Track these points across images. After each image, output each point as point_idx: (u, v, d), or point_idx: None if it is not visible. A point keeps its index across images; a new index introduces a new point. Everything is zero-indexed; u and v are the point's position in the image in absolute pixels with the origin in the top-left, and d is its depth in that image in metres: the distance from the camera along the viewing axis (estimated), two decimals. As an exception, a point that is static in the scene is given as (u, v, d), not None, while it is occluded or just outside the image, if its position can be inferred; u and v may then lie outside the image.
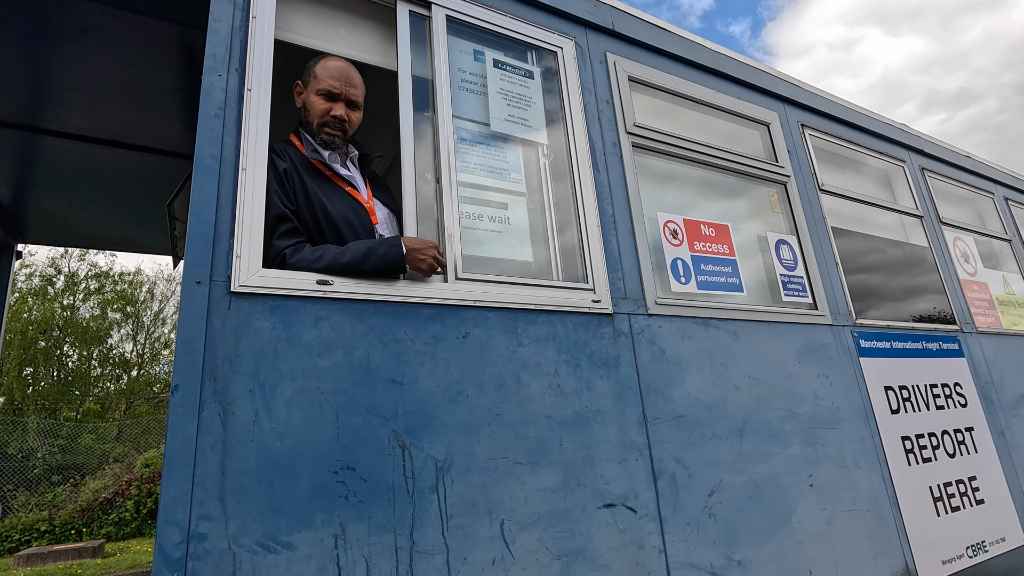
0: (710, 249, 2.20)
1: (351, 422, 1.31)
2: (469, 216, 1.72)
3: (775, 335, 2.20)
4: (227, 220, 1.32)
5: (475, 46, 1.93)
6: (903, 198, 3.38)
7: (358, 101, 1.67)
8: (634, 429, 1.72)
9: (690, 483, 1.77)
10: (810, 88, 3.04)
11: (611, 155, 2.07)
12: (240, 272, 1.28)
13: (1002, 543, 2.58)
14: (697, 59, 2.53)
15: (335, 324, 1.37)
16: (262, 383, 1.24)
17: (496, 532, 1.42)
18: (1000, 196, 4.12)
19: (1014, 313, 3.60)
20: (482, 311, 1.59)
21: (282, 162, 1.50)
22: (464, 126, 1.82)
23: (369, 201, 1.66)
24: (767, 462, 1.97)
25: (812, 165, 2.80)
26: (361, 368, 1.37)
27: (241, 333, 1.25)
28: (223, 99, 1.39)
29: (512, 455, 1.50)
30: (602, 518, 1.58)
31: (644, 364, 1.83)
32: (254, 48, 1.46)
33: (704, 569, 1.69)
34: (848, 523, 2.08)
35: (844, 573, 1.99)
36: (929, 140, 3.71)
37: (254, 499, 1.17)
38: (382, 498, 1.30)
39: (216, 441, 1.16)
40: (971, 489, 2.60)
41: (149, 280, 19.23)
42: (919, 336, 2.82)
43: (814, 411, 2.18)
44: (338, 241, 1.52)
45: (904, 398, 2.55)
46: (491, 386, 1.53)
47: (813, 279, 2.47)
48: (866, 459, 2.25)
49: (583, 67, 2.13)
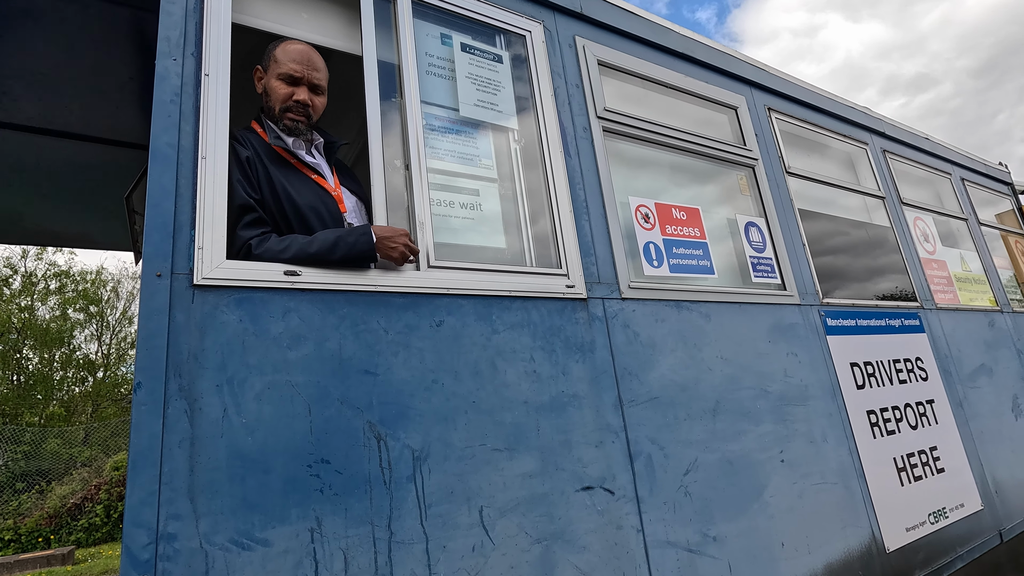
0: (681, 232, 2.22)
1: (324, 414, 1.29)
2: (440, 203, 1.70)
3: (746, 316, 2.24)
4: (187, 211, 1.27)
5: (442, 30, 1.90)
6: (866, 180, 3.47)
7: (321, 85, 1.62)
8: (610, 412, 1.74)
9: (666, 463, 1.80)
10: (776, 72, 3.08)
11: (582, 140, 2.06)
12: (203, 264, 1.24)
13: (961, 508, 2.70)
14: (666, 43, 2.53)
15: (305, 315, 1.34)
16: (230, 378, 1.21)
17: (475, 519, 1.42)
18: (957, 177, 4.26)
19: (971, 289, 3.75)
20: (456, 299, 1.57)
21: (244, 150, 1.45)
22: (433, 112, 1.79)
23: (336, 189, 1.62)
24: (740, 440, 2.01)
25: (779, 148, 2.84)
26: (333, 359, 1.34)
27: (206, 327, 1.21)
28: (179, 84, 1.33)
29: (490, 442, 1.50)
30: (580, 501, 1.59)
31: (619, 348, 1.84)
32: (210, 31, 1.40)
33: (681, 546, 1.73)
34: (817, 496, 2.15)
35: (815, 544, 2.05)
36: (890, 123, 3.81)
37: (225, 496, 1.14)
38: (358, 490, 1.29)
39: (183, 439, 1.13)
40: (932, 459, 2.71)
41: (113, 278, 18.63)
42: (882, 313, 2.91)
43: (784, 389, 2.24)
44: (305, 231, 1.48)
45: (869, 373, 2.63)
46: (467, 374, 1.52)
47: (781, 260, 2.52)
48: (834, 434, 2.32)
49: (552, 51, 2.12)
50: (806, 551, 2.01)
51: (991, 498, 2.91)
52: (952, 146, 4.36)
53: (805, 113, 3.16)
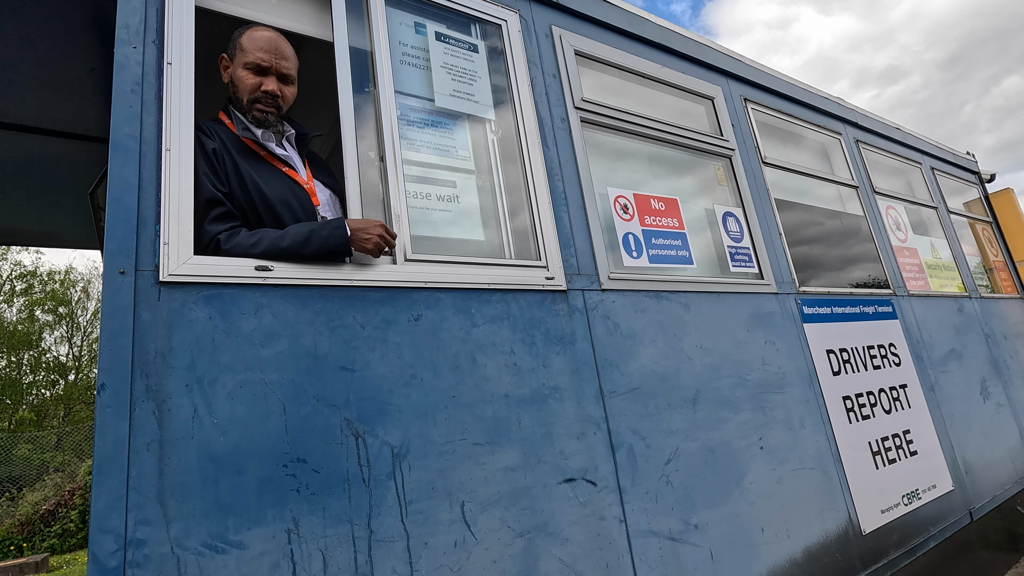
0: (660, 223, 2.22)
1: (300, 413, 1.26)
2: (417, 196, 1.67)
3: (724, 305, 2.26)
4: (152, 205, 1.22)
5: (416, 18, 1.86)
6: (840, 170, 3.52)
7: (291, 74, 1.56)
8: (591, 404, 1.74)
9: (647, 453, 1.80)
10: (752, 63, 3.09)
11: (560, 131, 2.04)
12: (169, 260, 1.19)
13: (933, 490, 2.77)
14: (643, 33, 2.52)
15: (277, 311, 1.30)
16: (200, 377, 1.17)
17: (457, 515, 1.40)
18: (927, 166, 4.35)
19: (941, 276, 3.84)
20: (434, 292, 1.55)
21: (211, 142, 1.40)
22: (408, 102, 1.75)
23: (309, 182, 1.57)
24: (720, 428, 2.03)
25: (755, 139, 2.86)
26: (308, 356, 1.31)
27: (173, 325, 1.17)
28: (140, 73, 1.28)
29: (471, 436, 1.48)
30: (563, 493, 1.59)
31: (599, 339, 1.84)
32: (172, 17, 1.35)
33: (663, 535, 1.73)
34: (796, 481, 2.18)
35: (794, 529, 2.08)
36: (863, 113, 3.87)
37: (197, 499, 1.11)
38: (337, 488, 1.26)
39: (151, 441, 1.09)
40: (905, 442, 2.77)
41: (83, 277, 18.12)
42: (857, 301, 2.96)
43: (762, 377, 2.26)
44: (277, 225, 1.44)
45: (844, 360, 2.68)
46: (446, 368, 1.50)
47: (759, 250, 2.55)
48: (811, 420, 2.36)
49: (528, 40, 2.09)
50: (785, 536, 2.04)
51: (961, 479, 2.99)
52: (922, 136, 4.45)
53: (780, 104, 3.19)
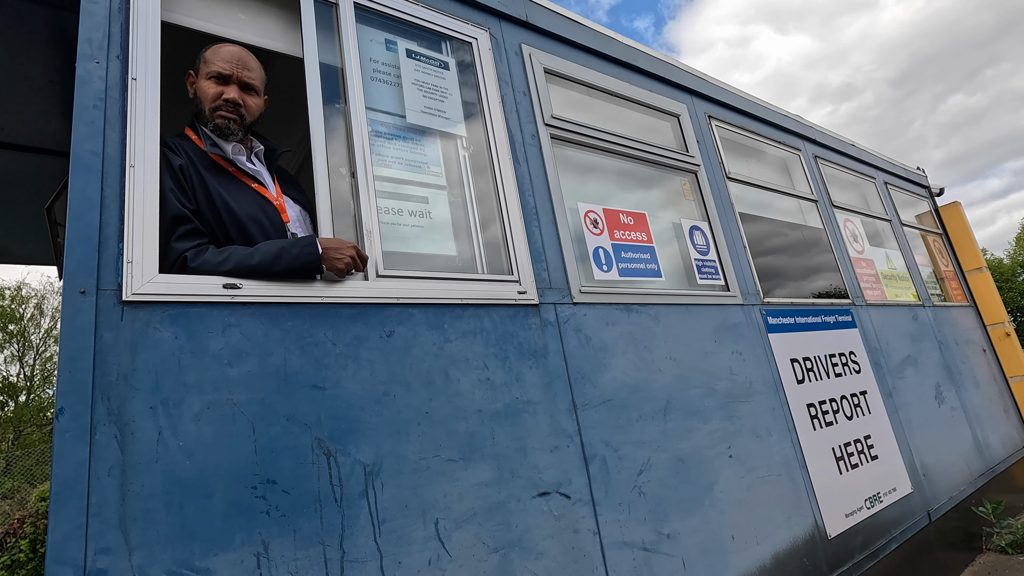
0: (629, 237, 2.27)
1: (269, 433, 1.24)
2: (388, 211, 1.67)
3: (692, 317, 2.31)
4: (115, 223, 1.19)
5: (386, 35, 1.87)
6: (800, 184, 3.65)
7: (254, 84, 1.55)
8: (564, 417, 1.75)
9: (620, 464, 1.82)
10: (715, 81, 3.20)
11: (530, 147, 2.08)
12: (132, 279, 1.17)
13: (894, 492, 2.87)
14: (610, 52, 2.59)
15: (246, 330, 1.28)
16: (165, 399, 1.14)
17: (431, 532, 1.39)
18: (881, 181, 4.55)
19: (896, 286, 4.00)
20: (406, 308, 1.55)
21: (177, 158, 1.37)
22: (379, 118, 1.76)
23: (278, 198, 1.56)
24: (690, 438, 2.07)
25: (719, 154, 2.95)
26: (278, 375, 1.29)
27: (137, 346, 1.14)
28: (103, 89, 1.25)
29: (444, 452, 1.48)
30: (537, 507, 1.59)
31: (571, 352, 1.86)
32: (137, 32, 1.33)
33: (636, 546, 1.75)
34: (764, 488, 2.23)
35: (762, 535, 2.13)
36: (821, 130, 4.03)
37: (162, 525, 1.07)
38: (308, 509, 1.24)
39: (113, 466, 1.05)
40: (867, 447, 2.87)
41: (36, 294, 17.36)
42: (819, 311, 3.06)
43: (730, 386, 2.32)
44: (246, 242, 1.42)
45: (808, 368, 2.76)
46: (419, 384, 1.50)
47: (724, 262, 2.62)
48: (777, 427, 2.42)
49: (499, 58, 2.12)
50: (755, 542, 2.08)
51: (920, 481, 3.10)
52: (876, 152, 4.66)
53: (743, 121, 3.30)
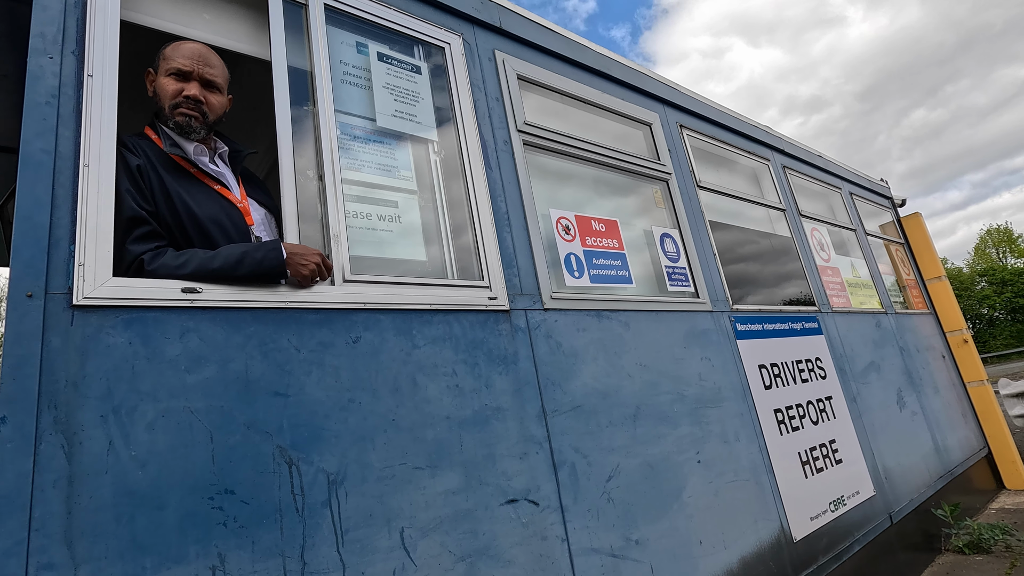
0: (601, 244, 2.29)
1: (228, 441, 1.20)
2: (357, 215, 1.65)
3: (662, 323, 2.34)
4: (66, 224, 1.15)
5: (357, 38, 1.85)
6: (769, 194, 3.73)
7: (216, 82, 1.51)
8: (534, 423, 1.75)
9: (589, 471, 1.82)
10: (687, 91, 3.25)
11: (503, 153, 2.08)
12: (84, 283, 1.12)
13: (857, 495, 2.94)
14: (583, 60, 2.61)
15: (206, 336, 1.25)
16: (117, 407, 1.10)
17: (396, 541, 1.37)
18: (846, 191, 4.68)
19: (860, 294, 4.12)
20: (373, 314, 1.53)
21: (135, 158, 1.33)
22: (348, 121, 1.74)
23: (243, 201, 1.52)
24: (659, 443, 2.08)
25: (691, 163, 3.00)
26: (238, 382, 1.26)
27: (88, 352, 1.10)
28: (56, 85, 1.21)
29: (411, 460, 1.46)
30: (505, 514, 1.58)
31: (542, 358, 1.86)
32: (95, 28, 1.29)
33: (605, 552, 1.75)
34: (732, 493, 2.26)
35: (730, 539, 2.15)
36: (789, 141, 4.13)
37: (111, 538, 1.03)
38: (267, 520, 1.21)
39: (59, 478, 1.01)
40: (831, 451, 2.93)
41: (-8, 296, 16.66)
42: (786, 318, 3.12)
43: (699, 392, 2.34)
44: (208, 246, 1.38)
45: (775, 374, 2.82)
46: (386, 391, 1.47)
47: (694, 269, 2.66)
48: (745, 433, 2.46)
49: (472, 64, 2.12)
50: (722, 547, 2.11)
51: (882, 484, 3.19)
52: (842, 163, 4.79)
53: (714, 131, 3.36)
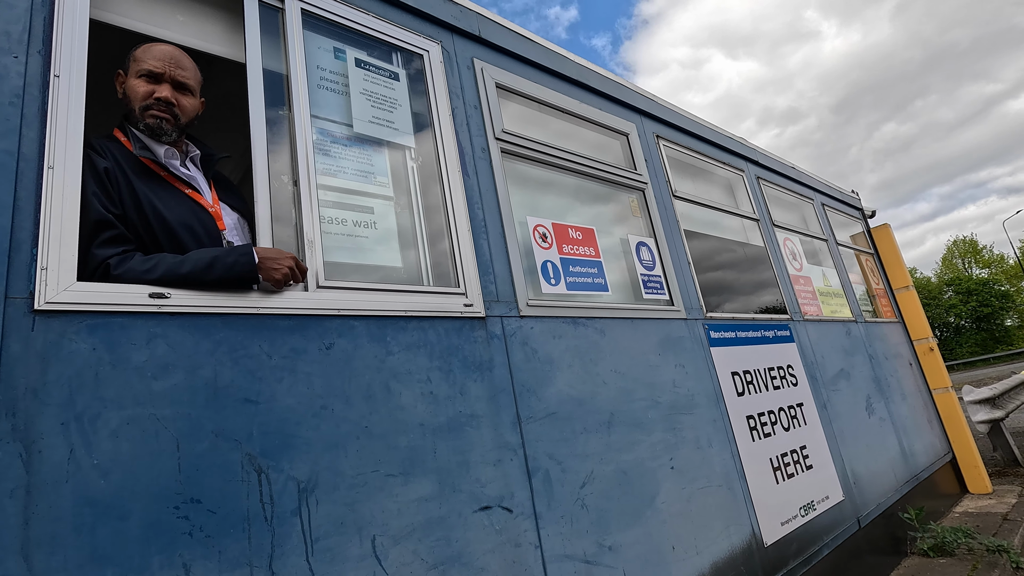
0: (578, 252, 2.31)
1: (195, 449, 1.18)
2: (332, 221, 1.64)
3: (637, 331, 2.36)
4: (28, 227, 1.12)
5: (335, 43, 1.85)
6: (743, 204, 3.81)
7: (188, 84, 1.49)
8: (508, 430, 1.75)
9: (563, 477, 1.83)
10: (663, 102, 3.31)
11: (480, 160, 2.09)
12: (47, 287, 1.10)
13: (827, 500, 3.00)
14: (562, 70, 2.64)
15: (174, 342, 1.23)
16: (79, 414, 1.08)
17: (367, 550, 1.36)
18: (818, 202, 4.80)
19: (831, 302, 4.22)
20: (347, 320, 1.52)
21: (103, 160, 1.31)
22: (324, 126, 1.73)
23: (214, 205, 1.50)
24: (633, 450, 2.10)
25: (667, 173, 3.05)
26: (207, 389, 1.24)
27: (49, 358, 1.07)
28: (21, 85, 1.18)
29: (383, 468, 1.45)
30: (478, 521, 1.58)
31: (517, 365, 1.86)
32: (63, 28, 1.27)
33: (578, 559, 1.76)
34: (704, 499, 2.29)
35: (702, 545, 2.18)
36: (763, 152, 4.23)
37: (71, 549, 1.01)
38: (235, 529, 1.19)
39: (16, 487, 0.98)
40: (802, 457, 2.99)
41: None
42: (759, 325, 3.19)
43: (673, 399, 2.37)
44: (177, 250, 1.36)
45: (748, 381, 2.87)
46: (359, 398, 1.47)
47: (669, 278, 2.69)
48: (718, 439, 2.50)
49: (450, 72, 2.13)
50: (695, 552, 2.13)
51: (851, 489, 3.26)
52: (814, 175, 4.92)
53: (689, 141, 3.42)
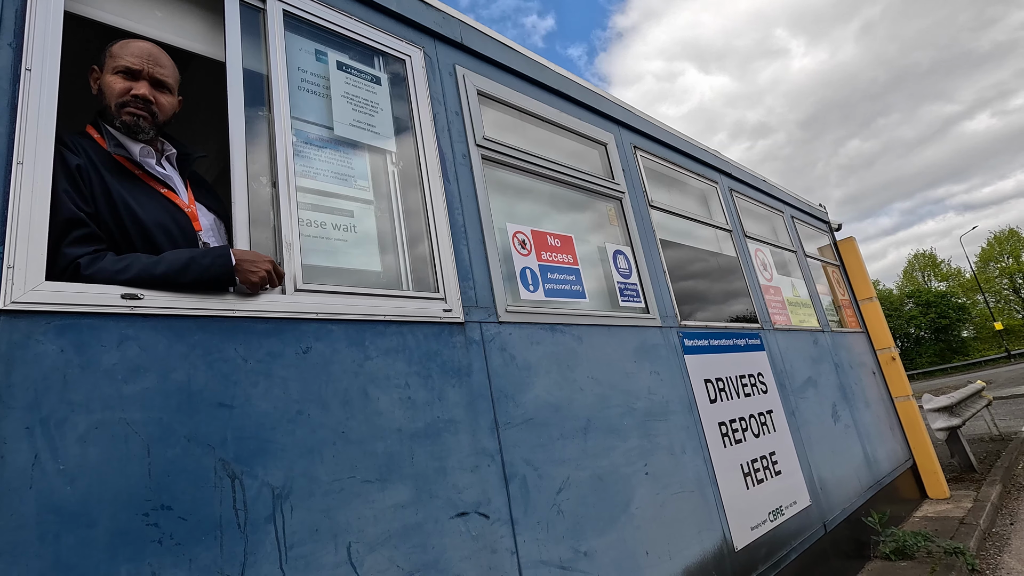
0: (556, 259, 2.33)
1: (167, 455, 1.16)
2: (311, 224, 1.63)
3: (614, 338, 2.39)
4: (-5, 224, 1.09)
5: (317, 46, 1.84)
6: (716, 215, 3.90)
7: (166, 81, 1.47)
8: (486, 436, 1.75)
9: (540, 483, 1.84)
10: (641, 114, 3.38)
11: (461, 166, 2.09)
12: (13, 286, 1.06)
13: (795, 505, 3.07)
14: (542, 79, 2.67)
15: (146, 344, 1.20)
16: (45, 418, 1.04)
17: (343, 557, 1.34)
18: (788, 215, 4.94)
19: (800, 312, 4.33)
20: (325, 324, 1.50)
21: (75, 157, 1.27)
22: (305, 128, 1.72)
23: (190, 205, 1.48)
24: (609, 456, 2.12)
25: (643, 183, 3.10)
26: (180, 392, 1.21)
27: (14, 360, 1.04)
28: (-10, 78, 1.15)
29: (360, 474, 1.44)
30: (455, 528, 1.57)
31: (495, 371, 1.87)
32: (35, 20, 1.23)
33: (554, 564, 1.77)
34: (677, 504, 2.33)
35: (675, 549, 2.21)
36: (736, 165, 4.33)
37: (33, 559, 0.97)
38: (207, 536, 1.16)
39: (-24, 494, 0.95)
40: (771, 463, 3.06)
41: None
42: (731, 334, 3.26)
43: (648, 406, 2.41)
44: (152, 251, 1.33)
45: (720, 388, 2.92)
46: (336, 403, 1.45)
47: (645, 286, 2.74)
48: (691, 445, 2.54)
49: (432, 77, 2.14)
50: (668, 557, 2.16)
51: (817, 494, 3.34)
52: (784, 188, 5.06)
53: (666, 153, 3.49)
